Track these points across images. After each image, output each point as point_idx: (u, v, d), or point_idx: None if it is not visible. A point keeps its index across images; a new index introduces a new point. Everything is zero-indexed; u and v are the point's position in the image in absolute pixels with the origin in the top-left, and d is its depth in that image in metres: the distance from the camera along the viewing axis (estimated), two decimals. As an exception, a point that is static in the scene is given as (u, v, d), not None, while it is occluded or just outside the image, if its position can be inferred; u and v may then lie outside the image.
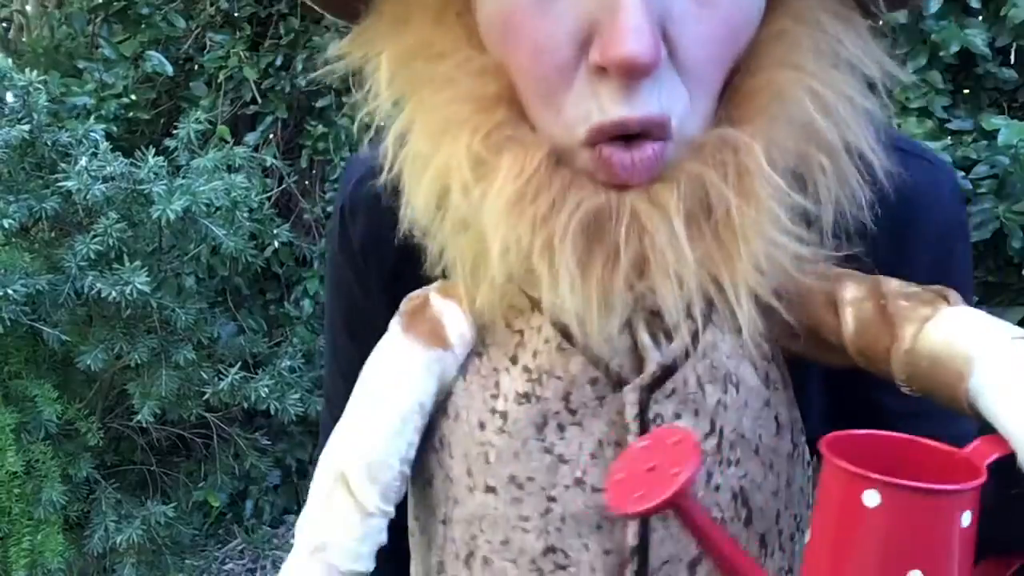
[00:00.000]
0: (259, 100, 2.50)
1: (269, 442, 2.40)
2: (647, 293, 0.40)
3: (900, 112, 1.68)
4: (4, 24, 2.78)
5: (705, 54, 0.39)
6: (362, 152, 0.56)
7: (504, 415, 0.44)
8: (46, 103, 1.81)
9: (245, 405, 2.04)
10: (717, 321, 0.43)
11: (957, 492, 0.32)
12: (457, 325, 0.45)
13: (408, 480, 0.46)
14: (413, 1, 0.43)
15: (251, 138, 2.46)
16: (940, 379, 0.37)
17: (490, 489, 0.45)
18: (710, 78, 0.40)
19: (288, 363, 2.12)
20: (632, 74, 0.36)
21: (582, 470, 0.44)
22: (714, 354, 0.43)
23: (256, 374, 2.04)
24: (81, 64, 2.39)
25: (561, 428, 0.44)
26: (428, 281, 0.47)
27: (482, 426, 0.45)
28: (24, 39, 2.65)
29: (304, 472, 2.54)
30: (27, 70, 1.80)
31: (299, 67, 2.44)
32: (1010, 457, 0.33)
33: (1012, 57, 1.75)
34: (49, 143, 1.81)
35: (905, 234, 0.46)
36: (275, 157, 2.45)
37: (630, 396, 0.43)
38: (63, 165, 1.79)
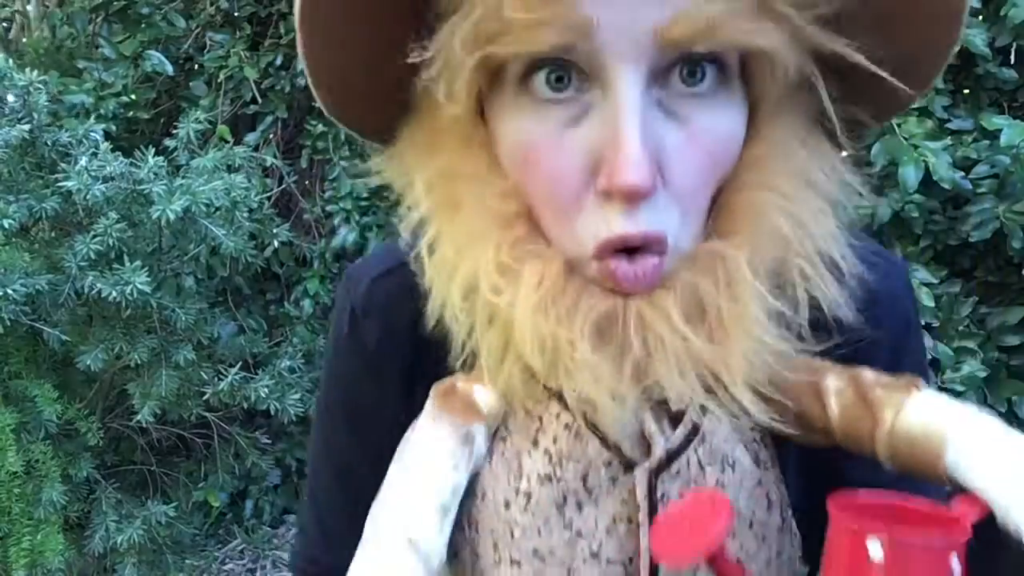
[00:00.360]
0: (259, 100, 2.50)
1: (269, 442, 2.40)
2: (653, 385, 0.45)
3: (900, 112, 1.67)
4: (4, 24, 2.78)
5: (693, 180, 0.44)
6: (362, 260, 0.62)
7: (528, 495, 0.49)
8: (46, 103, 1.81)
9: (245, 405, 2.04)
10: (715, 409, 0.47)
11: (950, 543, 0.37)
12: (487, 398, 0.50)
13: None
14: (442, 132, 0.49)
15: (251, 138, 2.46)
16: (919, 458, 0.43)
17: (515, 563, 0.50)
18: (697, 199, 0.45)
19: (288, 363, 2.12)
20: (633, 199, 0.42)
21: (598, 544, 0.49)
22: (713, 439, 0.49)
23: (256, 374, 2.04)
24: (81, 64, 2.39)
25: (579, 506, 0.49)
26: (447, 373, 0.51)
27: (507, 505, 0.50)
28: (24, 39, 2.65)
29: (304, 472, 2.54)
30: (27, 70, 1.80)
31: (299, 67, 2.44)
32: (989, 516, 0.39)
33: (1012, 57, 1.74)
34: (49, 143, 1.81)
35: (869, 328, 0.51)
36: (275, 157, 2.45)
37: (640, 478, 0.48)
38: (63, 165, 1.79)
